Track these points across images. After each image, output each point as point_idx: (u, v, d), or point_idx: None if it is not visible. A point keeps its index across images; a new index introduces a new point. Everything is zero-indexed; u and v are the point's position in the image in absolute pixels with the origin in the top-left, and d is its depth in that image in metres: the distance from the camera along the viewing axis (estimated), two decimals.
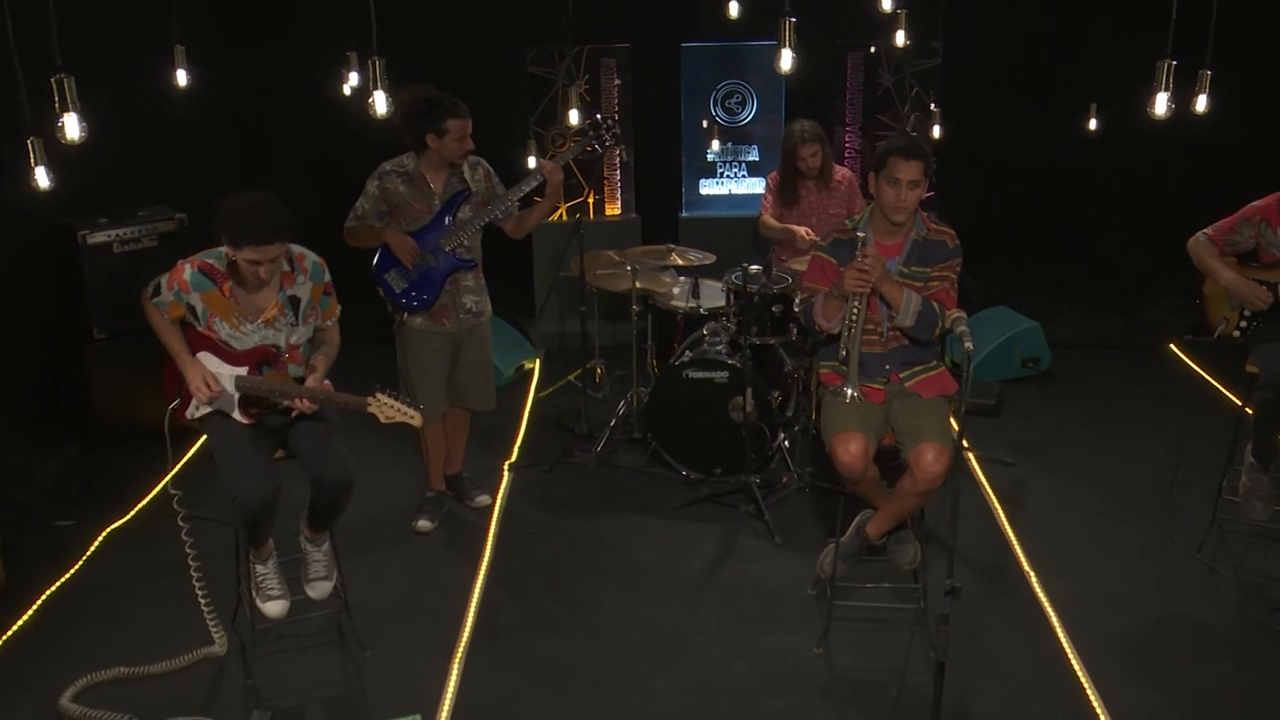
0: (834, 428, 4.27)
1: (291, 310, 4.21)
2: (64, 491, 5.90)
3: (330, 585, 4.46)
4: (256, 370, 4.20)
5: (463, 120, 4.91)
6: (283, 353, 4.23)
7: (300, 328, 4.25)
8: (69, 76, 3.37)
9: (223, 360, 4.21)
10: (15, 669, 4.48)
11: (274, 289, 4.15)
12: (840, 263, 4.32)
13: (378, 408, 4.09)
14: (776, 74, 7.49)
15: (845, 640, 4.50)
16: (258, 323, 4.16)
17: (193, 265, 4.13)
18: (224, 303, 4.14)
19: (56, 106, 3.37)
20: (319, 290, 4.25)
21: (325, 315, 4.32)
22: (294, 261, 4.20)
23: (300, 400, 4.13)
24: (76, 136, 3.43)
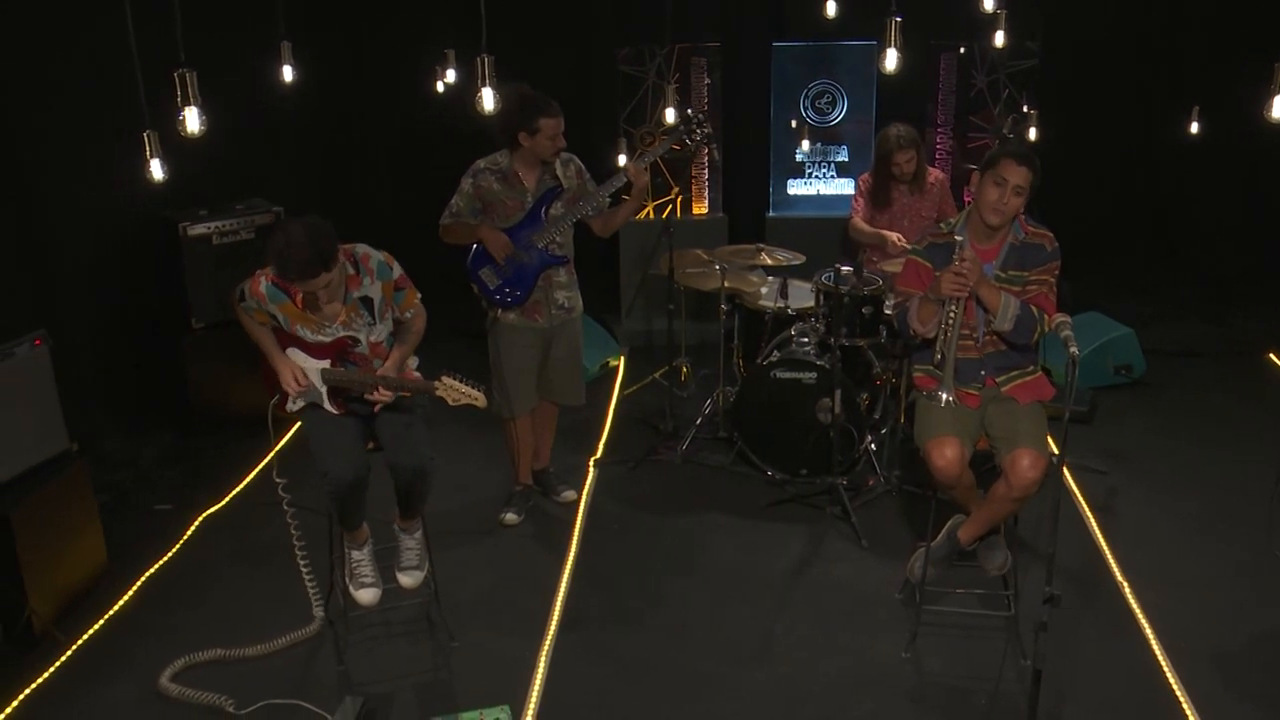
0: (929, 432, 4.24)
1: (366, 310, 4.26)
2: (162, 476, 6.05)
3: (422, 574, 4.53)
4: (339, 362, 4.29)
5: (555, 119, 4.94)
6: (362, 346, 4.29)
7: (378, 325, 4.30)
8: (191, 71, 3.45)
9: (308, 354, 4.30)
10: (117, 647, 4.61)
11: (340, 295, 4.21)
12: (936, 266, 4.28)
13: (445, 390, 4.16)
14: (868, 74, 7.52)
15: (934, 645, 4.46)
16: (334, 325, 4.24)
17: (267, 279, 4.20)
18: (298, 313, 4.23)
19: (178, 100, 3.46)
20: (389, 287, 4.29)
21: (402, 308, 4.36)
22: (359, 263, 4.23)
23: (375, 390, 4.20)
24: (197, 130, 3.52)
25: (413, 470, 4.26)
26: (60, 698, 4.30)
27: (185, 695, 4.26)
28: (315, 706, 4.15)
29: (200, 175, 6.24)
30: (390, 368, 4.28)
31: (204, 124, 3.50)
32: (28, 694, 4.29)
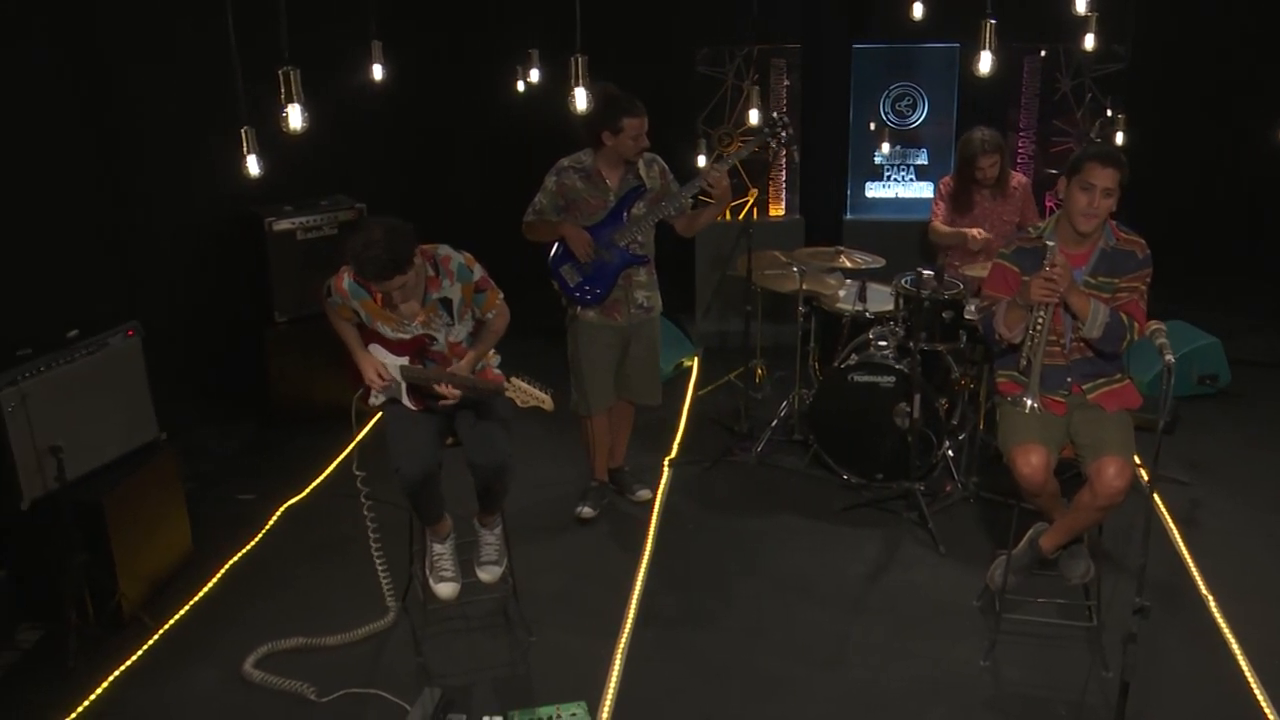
0: (1014, 438, 4.19)
1: (445, 311, 4.30)
2: (244, 467, 6.17)
3: (500, 569, 4.57)
4: (417, 360, 4.34)
5: (639, 119, 4.97)
6: (439, 343, 4.33)
7: (457, 325, 4.34)
8: (295, 69, 3.51)
9: (388, 351, 4.35)
10: (202, 633, 4.71)
11: (419, 296, 4.24)
12: (1023, 271, 4.24)
13: (514, 392, 4.18)
14: (950, 77, 7.46)
15: (1013, 654, 4.41)
16: (413, 324, 4.29)
17: (350, 276, 4.26)
18: (379, 310, 4.28)
19: (281, 97, 3.52)
20: (469, 289, 4.31)
21: (484, 310, 4.39)
22: (438, 265, 4.26)
23: (444, 386, 4.22)
24: (299, 126, 3.59)
25: (491, 468, 4.30)
26: (148, 680, 4.40)
27: (268, 681, 4.34)
28: (394, 697, 4.20)
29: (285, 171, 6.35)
30: (464, 367, 4.30)
31: (306, 121, 3.56)
32: (117, 675, 4.40)
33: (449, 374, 4.25)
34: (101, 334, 4.81)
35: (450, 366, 4.32)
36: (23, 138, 5.10)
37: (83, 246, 5.54)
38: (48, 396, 4.51)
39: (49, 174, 5.27)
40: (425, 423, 4.38)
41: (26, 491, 4.47)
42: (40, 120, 5.22)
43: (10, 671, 4.45)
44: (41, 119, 5.22)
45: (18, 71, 5.06)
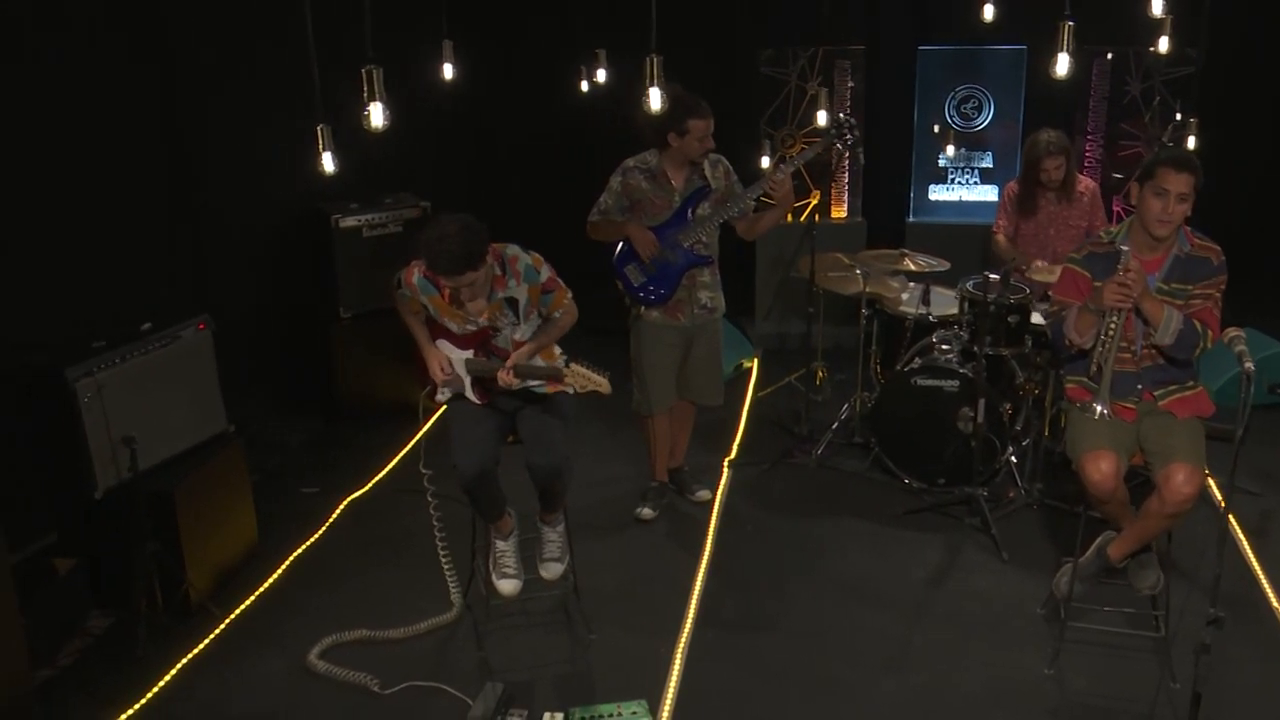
0: (1084, 445, 4.14)
1: (510, 310, 4.31)
2: (309, 460, 6.25)
3: (562, 567, 4.59)
4: (481, 352, 4.36)
5: (705, 120, 4.96)
6: (503, 339, 4.34)
7: (522, 325, 4.35)
8: (378, 68, 3.55)
9: (454, 345, 4.39)
10: (267, 623, 4.78)
11: (485, 293, 4.26)
12: (1095, 276, 4.19)
13: (572, 378, 4.18)
14: (1016, 79, 7.39)
15: (1078, 663, 4.36)
16: (480, 320, 4.31)
17: (419, 270, 4.29)
18: (446, 306, 4.32)
19: (364, 95, 3.56)
20: (536, 290, 4.32)
21: (551, 309, 4.40)
22: (506, 264, 4.27)
23: (505, 373, 4.23)
24: (380, 124, 3.63)
25: (547, 470, 4.31)
26: (215, 668, 4.47)
27: (332, 672, 4.39)
28: (457, 691, 4.24)
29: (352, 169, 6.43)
30: (523, 355, 4.28)
31: (387, 119, 3.60)
32: (185, 663, 4.47)
33: (523, 364, 4.26)
34: (174, 327, 4.89)
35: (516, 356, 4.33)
36: (98, 134, 5.20)
37: (156, 241, 5.65)
38: (122, 388, 4.60)
39: (123, 170, 5.38)
40: (487, 420, 4.40)
41: (100, 481, 4.56)
42: (114, 116, 5.32)
43: (82, 657, 4.53)
44: (115, 115, 5.33)
45: (92, 68, 5.16)
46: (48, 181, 4.94)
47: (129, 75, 5.44)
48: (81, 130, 5.10)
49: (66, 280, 5.02)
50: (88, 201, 5.14)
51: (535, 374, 4.29)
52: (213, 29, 5.89)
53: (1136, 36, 6.79)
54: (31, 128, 4.84)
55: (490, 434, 4.37)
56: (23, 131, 4.79)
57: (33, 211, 4.87)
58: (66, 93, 5.00)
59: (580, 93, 7.02)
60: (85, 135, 5.12)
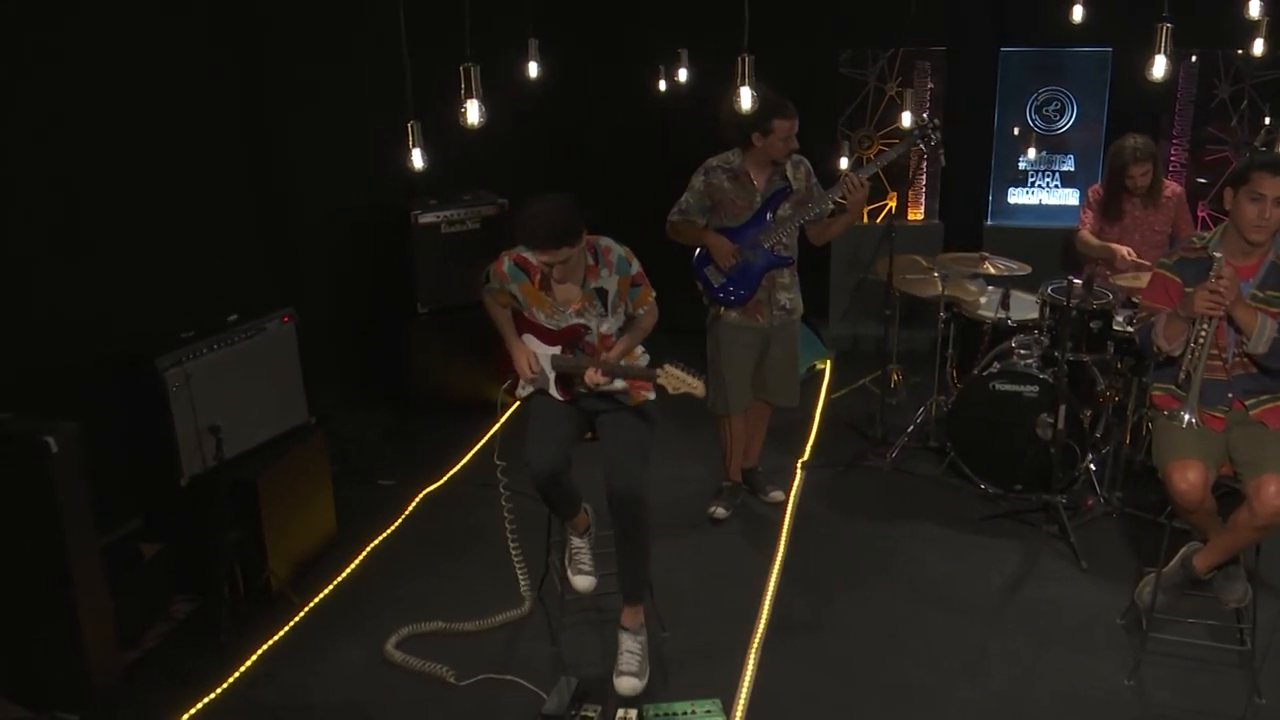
0: (1171, 454, 4.07)
1: (599, 301, 4.30)
2: (385, 453, 6.32)
3: (641, 684, 4.30)
4: (569, 350, 4.36)
5: (790, 120, 4.95)
6: (591, 334, 4.34)
7: (610, 318, 4.34)
8: (475, 65, 3.59)
9: (541, 341, 4.39)
10: (345, 612, 4.85)
11: (577, 281, 4.26)
12: (1186, 282, 4.12)
13: (665, 378, 4.09)
14: (1100, 81, 7.28)
15: (1160, 675, 4.29)
16: (568, 312, 4.31)
17: (510, 258, 4.32)
18: (536, 293, 4.32)
19: (461, 93, 3.60)
20: (626, 282, 4.31)
21: (637, 304, 4.38)
22: (599, 255, 4.27)
23: (593, 372, 4.20)
24: (476, 121, 3.66)
25: (625, 498, 4.20)
26: (295, 655, 4.55)
27: (408, 662, 4.45)
28: (531, 684, 4.27)
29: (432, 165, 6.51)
30: (613, 356, 4.28)
31: (483, 116, 3.63)
32: (265, 649, 4.55)
33: (600, 360, 4.24)
34: (259, 319, 4.97)
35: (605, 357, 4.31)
36: (186, 130, 5.31)
37: (242, 233, 5.75)
38: (208, 378, 4.69)
39: (210, 164, 5.48)
40: (566, 420, 4.39)
41: (186, 468, 4.66)
42: (202, 112, 5.43)
43: (166, 641, 4.63)
44: (203, 110, 5.44)
45: (182, 62, 5.27)
46: (139, 175, 5.05)
47: (218, 70, 5.54)
48: (171, 127, 5.21)
49: (156, 272, 5.13)
50: (177, 196, 5.25)
51: (626, 374, 4.25)
52: (303, 22, 5.98)
53: (1226, 38, 6.67)
54: (121, 120, 4.95)
55: (567, 434, 4.36)
56: (112, 124, 4.90)
57: (124, 205, 4.99)
58: (154, 84, 5.10)
59: (658, 92, 7.03)
60: (174, 132, 5.23)
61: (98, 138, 4.84)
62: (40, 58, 4.59)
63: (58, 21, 4.65)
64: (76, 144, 4.76)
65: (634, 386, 4.34)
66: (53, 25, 4.63)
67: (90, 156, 4.82)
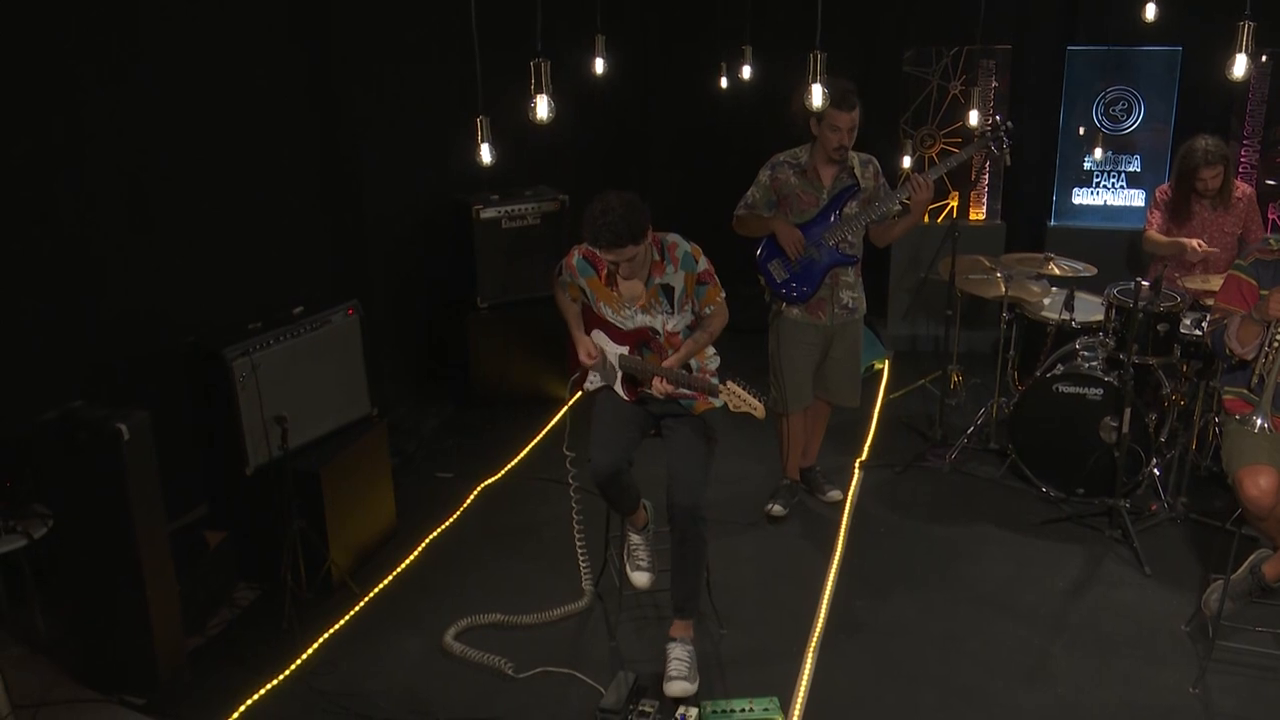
0: (1242, 459, 4.01)
1: (665, 298, 4.27)
2: (444, 446, 6.36)
3: (691, 688, 4.28)
4: (637, 351, 4.36)
5: (841, 112, 4.87)
6: (659, 336, 4.34)
7: (675, 315, 4.30)
8: (546, 60, 3.61)
9: (610, 339, 4.40)
10: (405, 603, 4.89)
11: (642, 278, 4.25)
12: (1262, 285, 4.05)
13: (727, 395, 4.05)
14: (1169, 80, 7.17)
15: (1226, 684, 4.22)
16: (634, 308, 4.30)
17: (580, 252, 4.33)
18: (603, 288, 4.32)
19: (531, 88, 3.62)
20: (692, 279, 4.27)
21: (704, 303, 4.31)
22: (665, 251, 4.25)
23: (658, 380, 4.18)
24: (545, 117, 3.68)
25: (687, 511, 4.18)
26: (356, 644, 4.60)
27: (467, 654, 4.48)
28: (589, 678, 4.29)
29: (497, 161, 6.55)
30: (677, 360, 4.24)
31: (552, 111, 3.65)
32: (327, 637, 4.61)
33: (665, 369, 4.21)
34: (324, 311, 5.02)
35: (666, 359, 4.29)
36: (257, 124, 5.38)
37: (309, 227, 5.82)
38: (274, 368, 4.74)
39: (280, 159, 5.56)
40: (630, 420, 4.38)
41: (252, 458, 4.71)
42: (273, 106, 5.50)
43: (230, 627, 4.70)
44: (274, 105, 5.51)
45: (255, 55, 5.34)
46: (208, 167, 5.13)
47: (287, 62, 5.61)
48: (241, 119, 5.29)
49: (225, 264, 5.21)
50: (246, 188, 5.33)
51: (690, 384, 4.20)
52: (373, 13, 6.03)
53: None
54: (192, 113, 5.03)
55: (630, 434, 4.36)
56: (184, 117, 4.98)
57: (194, 197, 5.07)
58: (226, 76, 5.18)
59: (719, 89, 7.01)
60: (244, 124, 5.31)
61: (169, 131, 4.93)
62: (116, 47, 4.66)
63: (133, 10, 4.72)
64: (148, 137, 4.85)
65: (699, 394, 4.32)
66: (128, 13, 4.71)
67: (161, 149, 4.91)
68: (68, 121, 4.57)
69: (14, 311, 4.48)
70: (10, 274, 4.45)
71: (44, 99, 4.48)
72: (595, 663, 4.43)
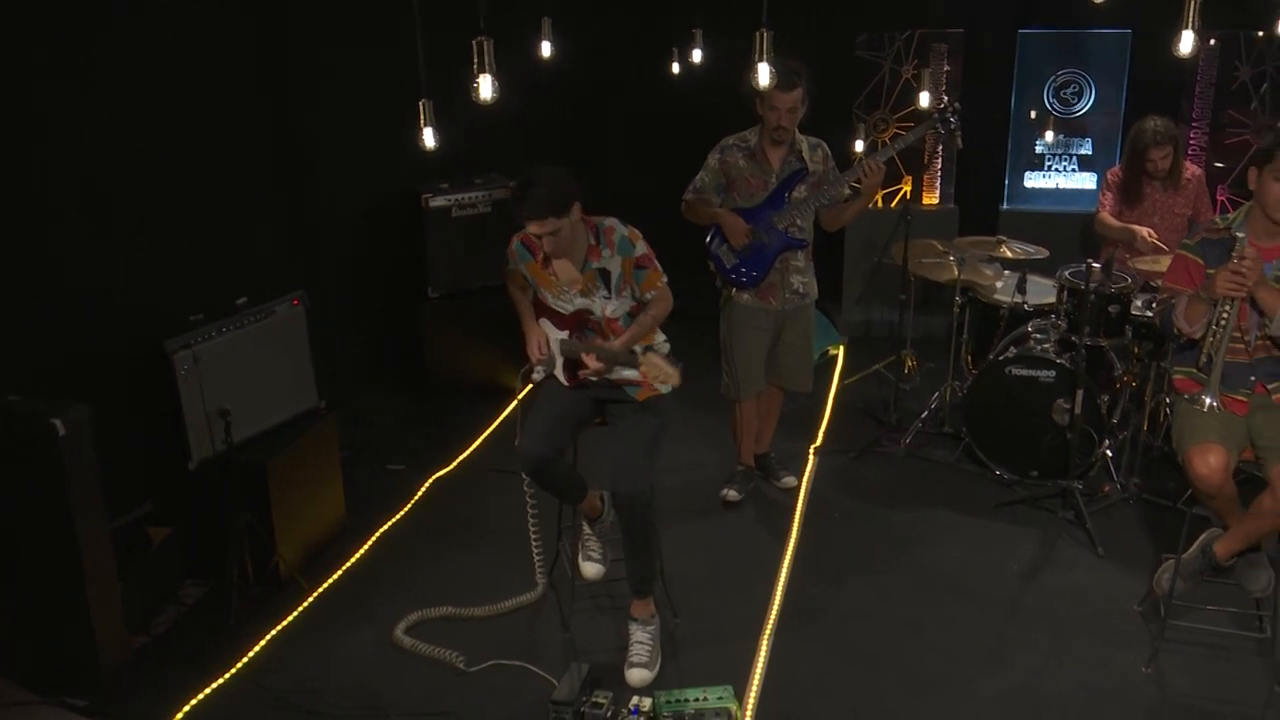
0: (1192, 438, 4.01)
1: (603, 283, 4.21)
2: (396, 438, 6.28)
3: (651, 675, 4.27)
4: (578, 334, 4.30)
5: (780, 92, 4.80)
6: (598, 319, 4.28)
7: (614, 300, 4.24)
8: (489, 39, 3.53)
9: (554, 325, 4.34)
10: (355, 597, 4.83)
11: (577, 261, 4.17)
12: (1208, 263, 4.05)
13: (646, 366, 4.04)
14: (1119, 64, 7.19)
15: (1178, 663, 4.24)
16: (572, 292, 4.24)
17: (518, 238, 4.26)
18: (541, 273, 4.25)
19: (474, 68, 3.55)
20: (630, 264, 4.19)
21: (644, 288, 4.25)
22: (601, 235, 4.17)
23: (588, 358, 4.16)
24: (489, 97, 3.61)
25: (629, 500, 4.11)
26: (304, 639, 4.53)
27: (417, 648, 4.42)
28: (542, 670, 4.24)
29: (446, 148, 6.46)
30: (618, 344, 4.19)
31: (496, 91, 3.58)
32: (275, 633, 4.53)
33: (595, 345, 4.18)
34: (269, 302, 4.93)
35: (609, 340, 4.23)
36: (202, 110, 5.26)
37: (252, 217, 5.70)
38: (217, 361, 4.65)
39: (225, 146, 5.43)
40: (569, 405, 4.32)
41: (195, 452, 4.63)
42: (219, 92, 5.38)
43: (176, 625, 4.61)
44: (220, 91, 5.39)
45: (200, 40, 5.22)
46: (152, 157, 5.01)
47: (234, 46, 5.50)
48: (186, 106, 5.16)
49: (170, 255, 5.08)
50: (191, 178, 5.20)
51: (613, 360, 4.17)
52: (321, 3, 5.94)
53: (1247, 19, 6.58)
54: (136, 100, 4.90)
55: (562, 423, 4.28)
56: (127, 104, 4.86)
57: (137, 187, 4.95)
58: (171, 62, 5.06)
59: (673, 73, 6.96)
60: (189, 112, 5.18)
61: (112, 118, 4.80)
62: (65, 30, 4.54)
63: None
64: (90, 124, 4.72)
65: (645, 380, 4.26)
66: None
67: (105, 136, 4.78)
68: (14, 110, 4.44)
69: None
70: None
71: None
72: (548, 654, 4.38)
